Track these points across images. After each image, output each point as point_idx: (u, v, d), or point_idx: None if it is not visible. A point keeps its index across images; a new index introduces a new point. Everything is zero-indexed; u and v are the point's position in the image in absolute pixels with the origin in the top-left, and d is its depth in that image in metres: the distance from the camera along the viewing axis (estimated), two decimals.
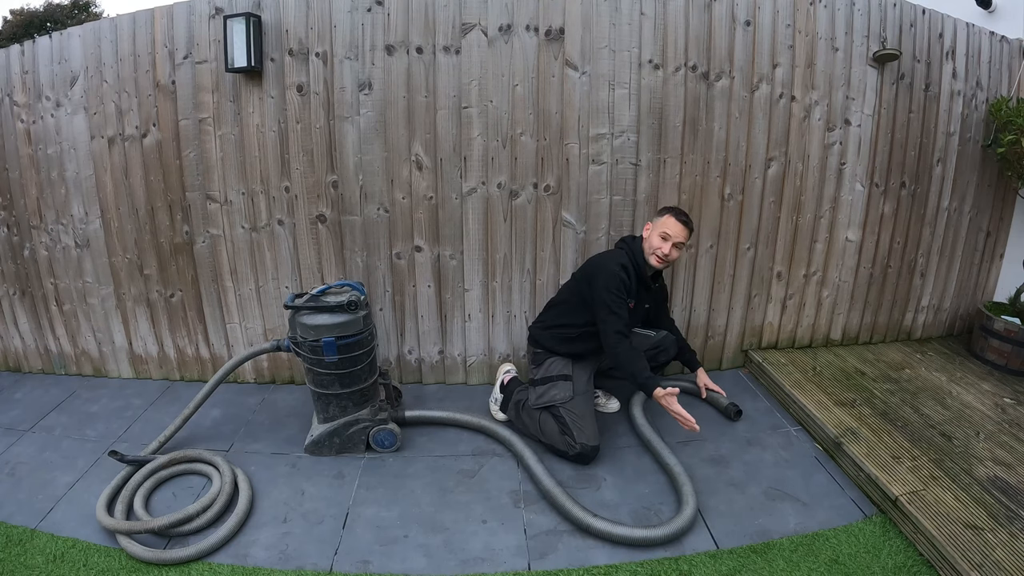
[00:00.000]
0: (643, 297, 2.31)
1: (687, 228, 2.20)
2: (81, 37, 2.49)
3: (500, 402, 2.44)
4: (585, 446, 2.11)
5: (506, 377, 2.50)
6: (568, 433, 2.13)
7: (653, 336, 2.42)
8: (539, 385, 2.28)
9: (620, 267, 2.16)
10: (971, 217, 3.04)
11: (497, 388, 2.50)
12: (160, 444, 2.21)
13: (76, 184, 2.65)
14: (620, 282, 2.13)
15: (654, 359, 2.38)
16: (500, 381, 2.50)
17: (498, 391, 2.49)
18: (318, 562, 1.76)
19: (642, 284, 2.27)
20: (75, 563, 1.74)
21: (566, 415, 2.15)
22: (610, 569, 1.73)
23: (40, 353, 2.99)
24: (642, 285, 2.27)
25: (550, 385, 2.25)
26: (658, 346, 2.41)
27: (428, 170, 2.50)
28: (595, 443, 2.14)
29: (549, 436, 2.19)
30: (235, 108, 2.46)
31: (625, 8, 2.39)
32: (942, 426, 2.30)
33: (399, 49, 2.38)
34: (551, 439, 2.18)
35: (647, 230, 2.26)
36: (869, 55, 2.63)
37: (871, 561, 1.74)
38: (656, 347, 2.40)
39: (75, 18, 15.59)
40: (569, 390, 2.21)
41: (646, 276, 2.27)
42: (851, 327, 3.06)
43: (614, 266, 2.16)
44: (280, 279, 2.67)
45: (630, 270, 2.19)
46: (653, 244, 2.20)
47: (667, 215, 2.22)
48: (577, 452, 2.12)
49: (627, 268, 2.18)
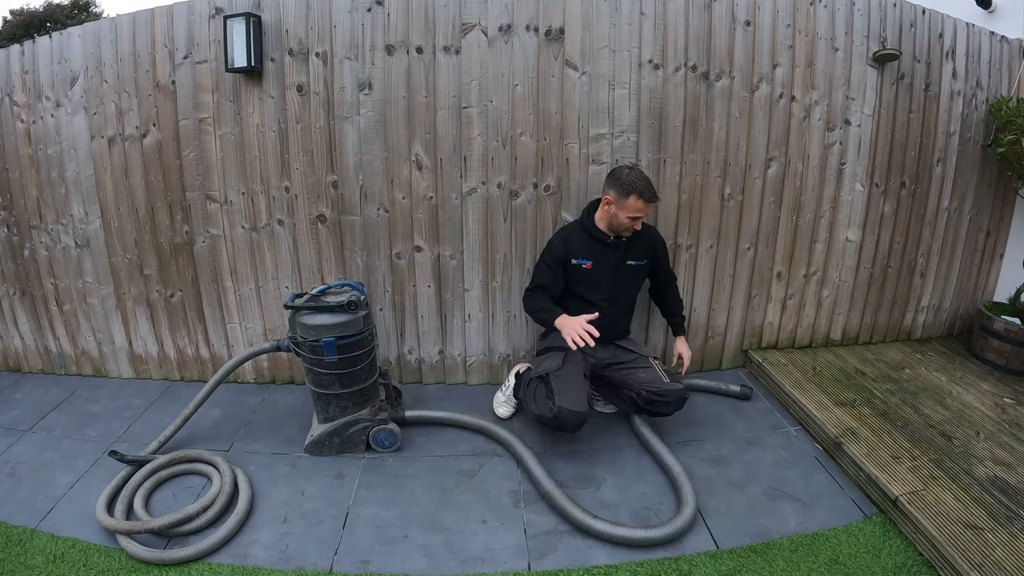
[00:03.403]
0: (604, 254, 2.28)
1: (656, 201, 2.18)
2: (81, 37, 2.49)
3: (512, 387, 2.45)
4: (563, 409, 2.03)
5: (522, 367, 2.50)
6: (551, 397, 2.10)
7: (665, 383, 2.21)
8: (538, 356, 2.34)
9: (560, 237, 2.32)
10: (971, 217, 3.04)
11: (512, 375, 2.49)
12: (160, 444, 2.21)
13: (76, 184, 2.65)
14: (550, 250, 2.32)
15: (649, 406, 2.20)
16: (516, 371, 2.49)
17: (512, 378, 2.48)
18: (318, 562, 1.76)
19: (599, 242, 2.26)
20: (75, 563, 1.74)
21: (553, 381, 2.14)
22: (610, 569, 1.73)
23: (40, 353, 2.99)
24: (599, 243, 2.27)
25: (546, 356, 2.29)
26: (660, 395, 2.17)
27: (428, 170, 2.50)
28: (576, 408, 2.04)
29: (538, 404, 2.14)
30: (235, 108, 2.46)
31: (625, 8, 2.39)
32: (942, 426, 2.30)
33: (399, 49, 2.38)
34: (539, 407, 2.13)
35: (608, 204, 2.19)
36: (869, 55, 2.63)
37: (871, 561, 1.74)
38: (658, 394, 2.17)
39: (75, 18, 15.57)
40: (560, 360, 2.21)
41: (602, 236, 2.26)
42: (851, 327, 3.06)
43: (556, 236, 2.36)
44: (280, 279, 2.67)
45: (572, 236, 2.28)
46: (623, 224, 2.18)
47: (632, 196, 2.12)
48: (554, 415, 2.05)
49: (567, 237, 2.29)
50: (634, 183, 2.12)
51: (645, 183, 2.13)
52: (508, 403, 2.51)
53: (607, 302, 2.32)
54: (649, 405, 2.20)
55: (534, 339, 2.74)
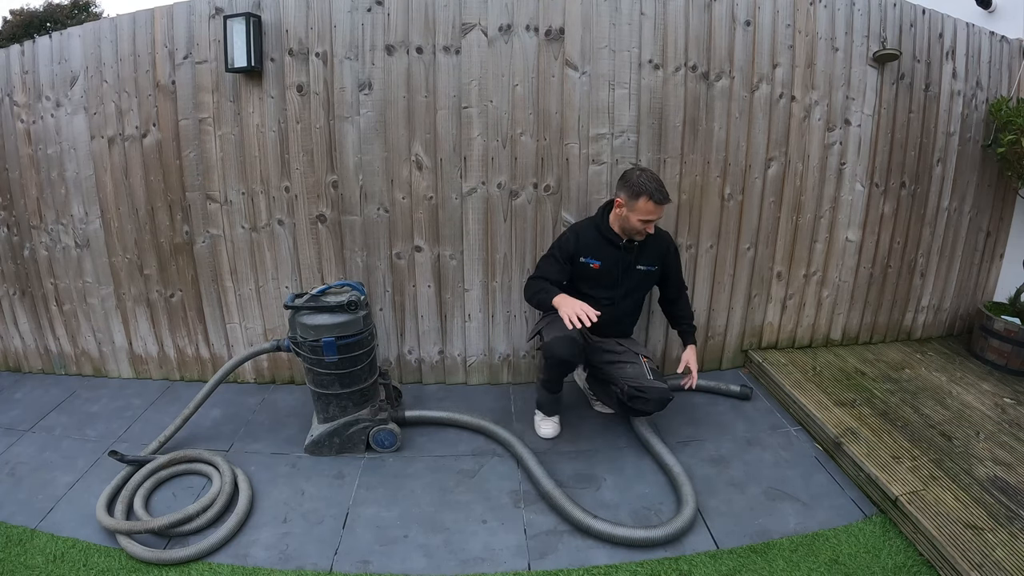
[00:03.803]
0: (614, 256, 2.25)
1: (666, 203, 2.13)
2: (81, 37, 2.49)
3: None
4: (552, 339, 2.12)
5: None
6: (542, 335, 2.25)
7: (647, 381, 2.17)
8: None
9: (573, 231, 2.31)
10: (971, 217, 3.04)
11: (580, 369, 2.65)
12: (160, 444, 2.21)
13: (76, 184, 2.65)
14: (560, 243, 2.30)
15: (630, 401, 2.16)
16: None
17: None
18: (318, 562, 1.76)
19: (610, 244, 2.24)
20: (75, 563, 1.74)
21: (544, 329, 2.25)
22: (610, 569, 1.73)
23: (40, 353, 2.99)
24: (610, 244, 2.24)
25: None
26: (642, 391, 2.13)
27: (428, 170, 2.50)
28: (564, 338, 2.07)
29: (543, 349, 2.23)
30: (235, 108, 2.46)
31: (625, 8, 2.39)
32: (942, 426, 2.30)
33: (399, 49, 2.38)
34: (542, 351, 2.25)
35: (620, 207, 2.17)
36: (869, 55, 2.63)
37: (871, 561, 1.74)
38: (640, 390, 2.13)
39: (75, 18, 15.57)
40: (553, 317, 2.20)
41: (615, 238, 2.23)
42: (851, 327, 3.06)
43: (568, 231, 2.34)
44: (280, 279, 2.67)
45: (584, 234, 2.27)
46: (634, 227, 2.15)
47: (643, 198, 2.08)
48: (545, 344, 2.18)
49: (579, 233, 2.28)
50: (644, 185, 2.08)
51: (656, 185, 2.09)
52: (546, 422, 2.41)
53: (611, 302, 2.29)
54: (630, 401, 2.15)
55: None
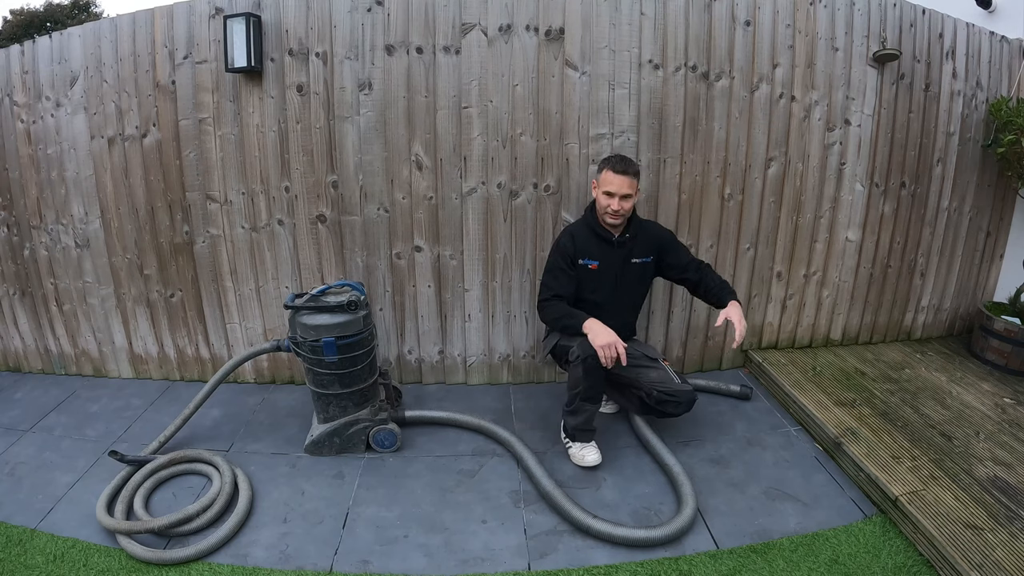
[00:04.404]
0: (610, 254, 2.21)
1: (628, 176, 2.05)
2: (81, 37, 2.49)
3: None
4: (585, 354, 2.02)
5: None
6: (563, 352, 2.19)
7: (676, 384, 2.17)
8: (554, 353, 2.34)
9: (568, 235, 2.23)
10: (971, 217, 3.04)
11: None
12: (160, 444, 2.21)
13: (76, 184, 2.65)
14: (560, 250, 2.21)
15: (659, 405, 2.16)
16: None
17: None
18: (318, 562, 1.76)
19: (605, 243, 2.20)
20: (75, 563, 1.74)
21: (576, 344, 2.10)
22: (610, 569, 1.73)
23: (40, 353, 2.99)
24: (605, 242, 2.20)
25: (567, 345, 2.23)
26: (672, 395, 2.13)
27: (428, 170, 2.50)
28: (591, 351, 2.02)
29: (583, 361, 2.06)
30: (235, 108, 2.46)
31: (625, 8, 2.39)
32: (942, 426, 2.30)
33: (399, 49, 2.38)
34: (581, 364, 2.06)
35: (594, 188, 2.16)
36: (869, 55, 2.63)
37: (871, 561, 1.74)
38: (670, 394, 2.14)
39: (75, 18, 15.60)
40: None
41: (607, 235, 2.19)
42: (851, 327, 3.06)
43: (563, 235, 2.25)
44: (280, 279, 2.67)
45: (579, 235, 2.21)
46: (601, 204, 2.12)
47: (604, 170, 2.07)
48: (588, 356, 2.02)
49: (575, 235, 2.21)
50: (607, 159, 2.13)
51: (618, 157, 2.12)
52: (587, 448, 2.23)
53: (612, 302, 2.27)
54: (659, 405, 2.16)
55: (534, 339, 2.74)
